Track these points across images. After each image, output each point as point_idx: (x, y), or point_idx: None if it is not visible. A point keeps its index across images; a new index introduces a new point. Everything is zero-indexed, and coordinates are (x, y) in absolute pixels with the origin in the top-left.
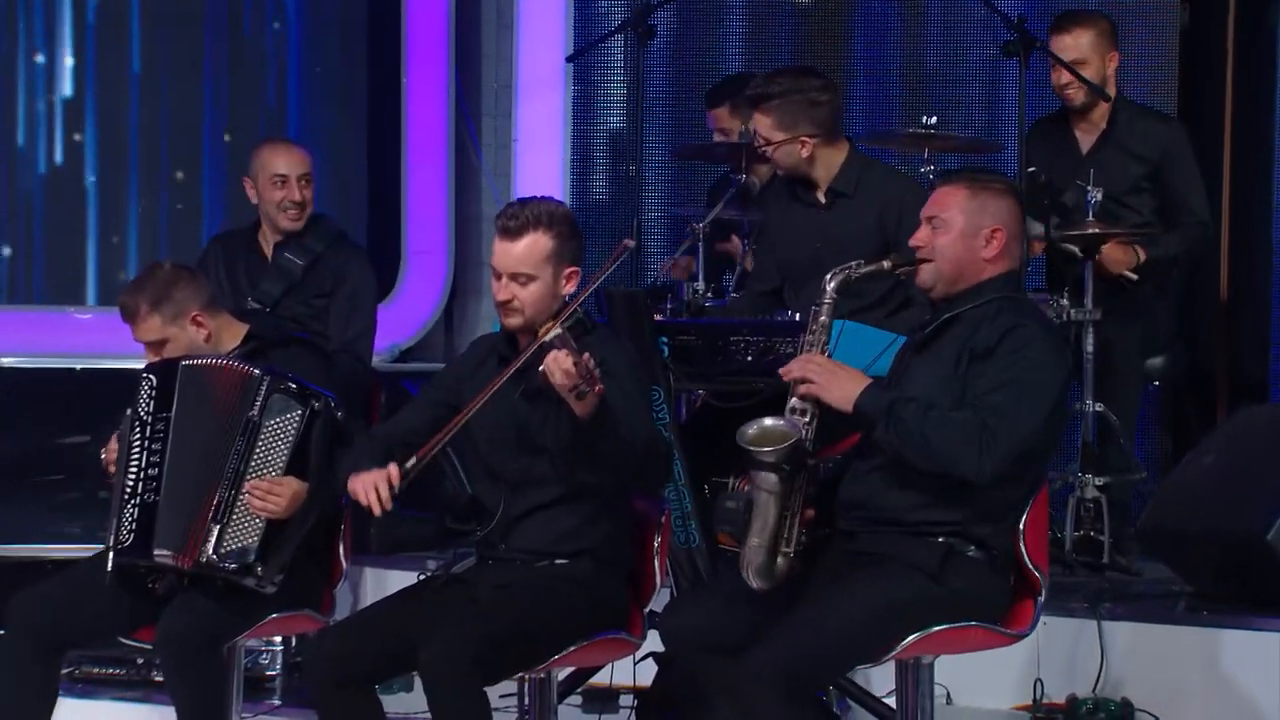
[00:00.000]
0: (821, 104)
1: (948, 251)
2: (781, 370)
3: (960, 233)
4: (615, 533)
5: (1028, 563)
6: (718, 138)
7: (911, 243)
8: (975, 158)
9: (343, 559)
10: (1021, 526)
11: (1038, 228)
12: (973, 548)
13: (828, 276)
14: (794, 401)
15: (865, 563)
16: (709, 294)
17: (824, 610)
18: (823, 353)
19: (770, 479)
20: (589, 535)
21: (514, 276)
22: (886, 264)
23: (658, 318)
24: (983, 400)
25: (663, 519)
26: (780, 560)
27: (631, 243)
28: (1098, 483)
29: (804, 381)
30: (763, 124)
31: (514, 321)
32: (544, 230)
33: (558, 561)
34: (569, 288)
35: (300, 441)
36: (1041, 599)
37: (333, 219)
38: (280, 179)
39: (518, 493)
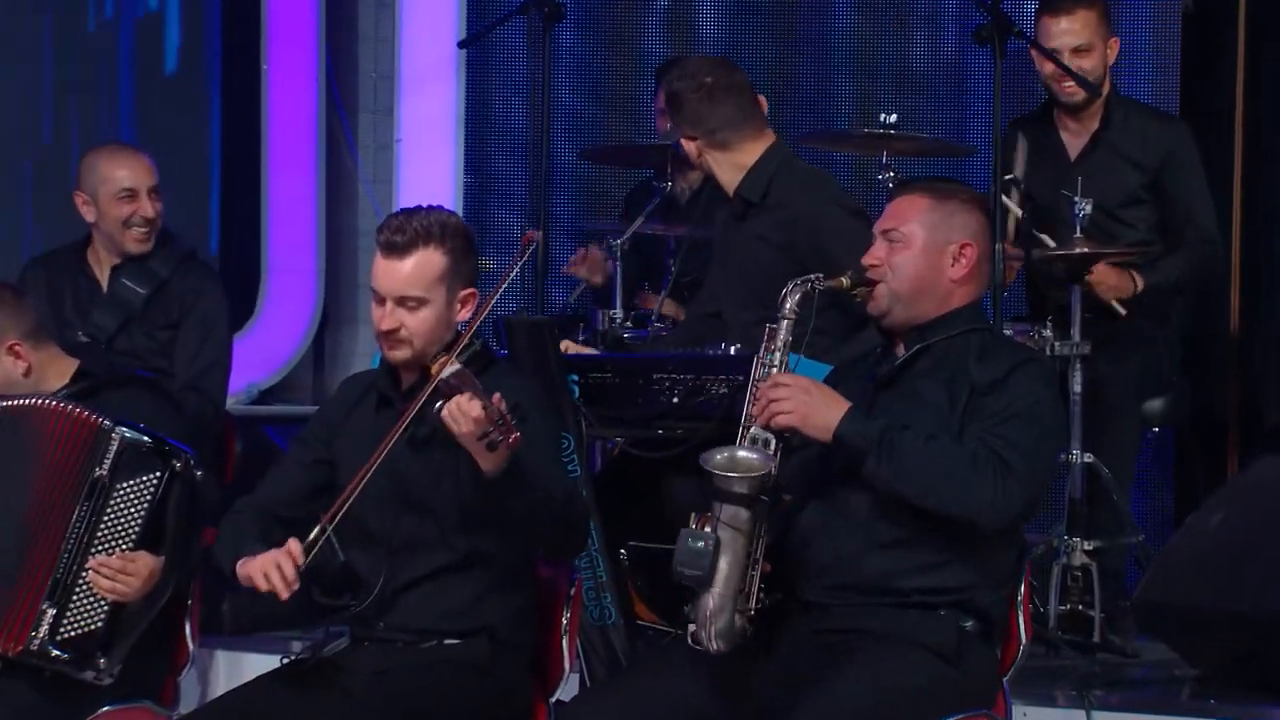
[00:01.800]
0: (700, 94)
1: (907, 269)
2: (757, 394)
3: (922, 248)
4: (516, 608)
5: (1022, 638)
6: (662, 122)
7: (865, 260)
8: (942, 162)
9: (190, 640)
10: (1019, 595)
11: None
12: (971, 620)
13: (786, 290)
14: (755, 430)
15: (853, 644)
16: (628, 323)
17: (821, 703)
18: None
19: (741, 514)
20: (485, 611)
21: (401, 301)
22: (845, 280)
23: (567, 351)
24: (990, 432)
25: (572, 591)
26: (738, 619)
27: (537, 234)
28: (1087, 547)
29: (773, 403)
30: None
31: (400, 354)
32: (436, 246)
33: (447, 642)
34: (464, 313)
35: (156, 509)
36: (1007, 678)
37: (181, 237)
38: (128, 193)
39: (399, 560)
